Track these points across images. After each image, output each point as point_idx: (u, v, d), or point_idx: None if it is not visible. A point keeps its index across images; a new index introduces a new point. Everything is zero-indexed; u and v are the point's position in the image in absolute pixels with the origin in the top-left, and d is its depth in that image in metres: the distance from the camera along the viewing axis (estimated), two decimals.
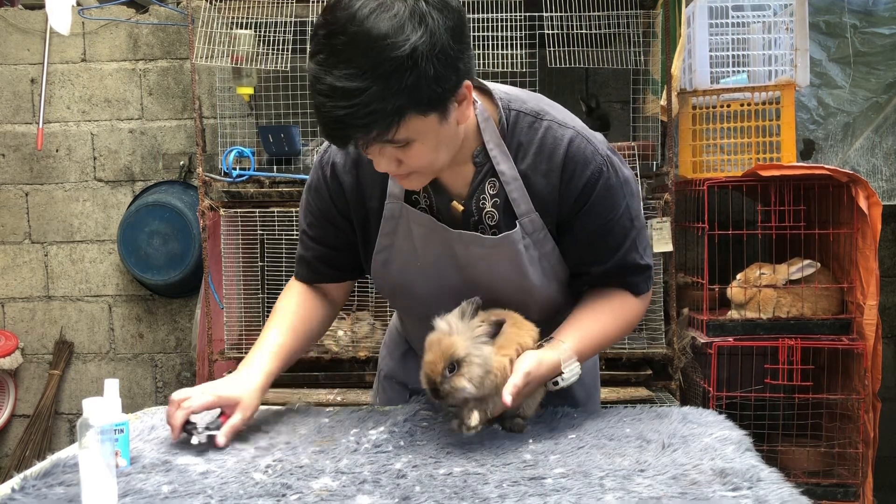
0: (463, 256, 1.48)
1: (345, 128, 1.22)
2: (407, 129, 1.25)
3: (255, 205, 3.16)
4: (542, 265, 1.48)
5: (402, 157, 1.31)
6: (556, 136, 1.41)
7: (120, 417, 1.30)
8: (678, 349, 3.06)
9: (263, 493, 1.18)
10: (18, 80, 3.97)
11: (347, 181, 1.51)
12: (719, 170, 3.08)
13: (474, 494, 1.17)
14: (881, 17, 3.38)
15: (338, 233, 1.58)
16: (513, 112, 1.44)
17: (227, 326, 3.24)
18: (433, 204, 1.49)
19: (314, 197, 1.57)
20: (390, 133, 1.23)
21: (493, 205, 1.46)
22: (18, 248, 4.02)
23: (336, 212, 1.55)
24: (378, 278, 1.58)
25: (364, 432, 1.48)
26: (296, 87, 3.24)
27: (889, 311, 3.71)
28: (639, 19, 3.08)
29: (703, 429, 1.46)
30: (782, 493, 1.15)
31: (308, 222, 1.61)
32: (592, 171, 1.41)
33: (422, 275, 1.52)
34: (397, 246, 1.51)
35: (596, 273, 1.51)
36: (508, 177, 1.43)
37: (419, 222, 1.48)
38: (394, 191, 1.48)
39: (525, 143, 1.43)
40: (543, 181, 1.42)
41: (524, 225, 1.44)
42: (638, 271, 1.52)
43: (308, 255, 1.64)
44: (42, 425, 3.93)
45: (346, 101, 1.18)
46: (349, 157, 1.51)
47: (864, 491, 2.81)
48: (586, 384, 1.72)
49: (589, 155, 1.41)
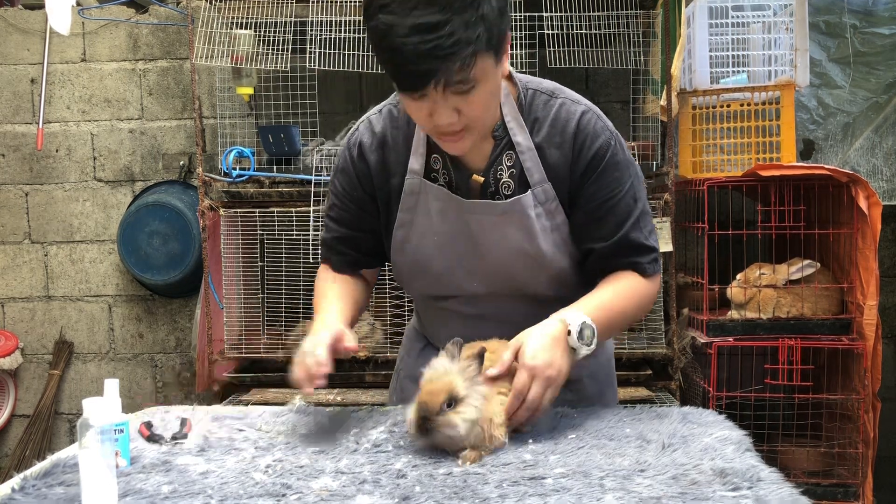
0: (476, 227, 1.54)
1: (430, 61, 1.27)
2: (477, 67, 1.31)
3: (254, 205, 3.16)
4: (553, 237, 1.54)
5: (462, 105, 1.36)
6: (569, 111, 1.52)
7: (120, 417, 1.30)
8: (678, 349, 3.06)
9: (263, 493, 1.18)
10: (18, 80, 3.97)
11: (373, 160, 1.58)
12: (719, 170, 3.08)
13: (474, 494, 1.17)
14: (881, 17, 3.38)
15: (362, 215, 1.63)
16: (530, 91, 1.54)
17: (227, 326, 3.24)
18: (452, 180, 1.55)
19: (341, 178, 1.63)
20: (469, 66, 1.29)
21: (509, 175, 1.53)
22: (18, 248, 4.02)
23: (362, 191, 1.61)
24: (396, 256, 1.62)
25: (364, 432, 1.48)
26: (296, 87, 3.24)
27: (889, 311, 3.71)
28: (639, 19, 3.08)
29: (703, 429, 1.46)
30: (782, 493, 1.15)
31: (331, 203, 1.67)
32: (601, 144, 1.50)
33: (438, 250, 1.57)
34: (416, 222, 1.57)
35: (601, 250, 1.54)
36: (524, 147, 1.51)
37: (435, 195, 1.55)
38: (414, 167, 1.55)
39: (541, 118, 1.53)
40: (557, 153, 1.51)
41: (536, 194, 1.52)
42: (642, 251, 1.56)
43: (329, 238, 1.69)
44: (42, 425, 3.93)
45: (431, 34, 1.25)
46: (375, 136, 1.58)
47: (864, 491, 2.81)
48: (599, 379, 1.74)
49: (599, 129, 1.51)
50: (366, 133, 1.60)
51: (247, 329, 3.25)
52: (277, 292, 3.36)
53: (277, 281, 3.36)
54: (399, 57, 1.29)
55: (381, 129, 1.58)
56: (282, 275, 3.31)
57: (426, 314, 1.77)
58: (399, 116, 1.59)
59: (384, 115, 1.60)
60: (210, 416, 1.64)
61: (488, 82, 1.36)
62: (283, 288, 3.32)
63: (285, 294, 3.30)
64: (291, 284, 3.26)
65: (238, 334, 3.25)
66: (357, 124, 1.63)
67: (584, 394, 1.67)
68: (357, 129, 1.62)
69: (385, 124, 1.59)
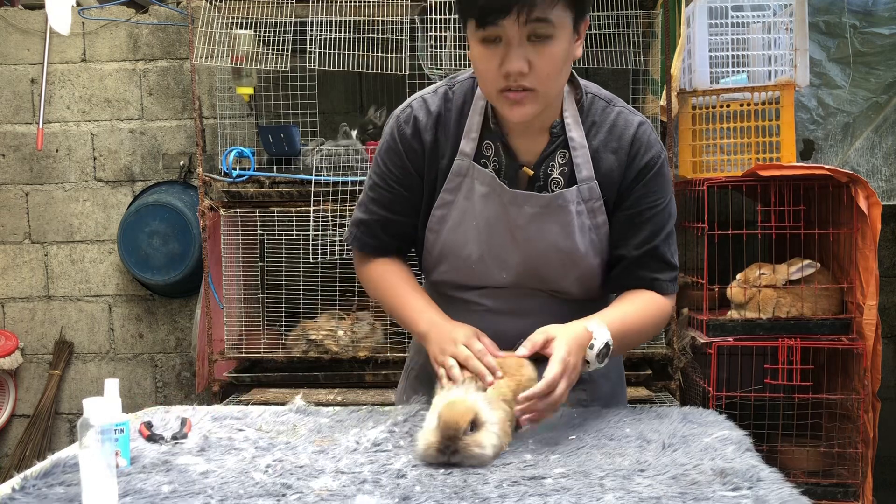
0: (516, 217, 1.55)
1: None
2: (559, 14, 1.37)
3: (255, 205, 3.16)
4: (589, 235, 1.56)
5: (535, 57, 1.38)
6: (627, 120, 1.56)
7: (120, 417, 1.30)
8: (678, 349, 3.07)
9: (263, 493, 1.19)
10: (18, 80, 3.97)
11: (428, 139, 1.58)
12: (719, 170, 3.08)
13: (474, 494, 1.17)
14: (881, 17, 3.37)
15: (406, 198, 1.62)
16: (589, 95, 1.58)
17: (227, 326, 3.24)
18: (502, 168, 1.56)
19: (387, 158, 1.62)
20: (552, 4, 1.35)
21: (559, 172, 1.55)
22: (18, 248, 4.02)
23: (411, 171, 1.60)
24: (431, 235, 1.62)
25: (364, 432, 1.48)
26: (296, 87, 3.24)
27: (889, 311, 3.71)
28: (639, 19, 3.08)
29: (704, 429, 1.46)
30: (782, 493, 1.15)
31: (372, 184, 1.65)
32: (654, 155, 1.55)
33: (475, 235, 1.57)
34: (457, 204, 1.57)
35: (630, 258, 1.57)
36: (577, 143, 1.54)
37: (482, 180, 1.55)
38: (465, 149, 1.56)
39: (598, 122, 1.56)
40: (612, 157, 1.55)
41: (582, 190, 1.54)
42: (665, 268, 1.59)
43: (370, 220, 1.67)
44: (42, 425, 3.93)
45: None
46: (431, 115, 1.58)
47: (863, 491, 2.81)
48: (612, 379, 1.75)
49: (653, 140, 1.57)
50: (421, 111, 1.58)
51: (247, 329, 3.25)
52: (277, 292, 3.37)
53: (277, 281, 3.36)
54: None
55: (436, 109, 1.57)
56: (282, 275, 3.31)
57: (441, 307, 1.77)
58: (453, 98, 1.59)
59: (440, 96, 1.60)
60: (210, 416, 1.64)
61: (563, 41, 1.40)
62: (283, 288, 3.32)
63: (285, 294, 3.30)
64: (291, 284, 3.26)
65: (238, 334, 3.25)
66: (409, 101, 1.61)
67: (597, 393, 1.68)
68: (410, 106, 1.60)
69: (440, 104, 1.58)
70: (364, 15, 3.05)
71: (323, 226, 3.03)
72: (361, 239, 1.69)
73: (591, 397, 1.64)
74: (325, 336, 3.13)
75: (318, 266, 3.13)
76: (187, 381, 3.99)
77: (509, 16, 1.33)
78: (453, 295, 1.66)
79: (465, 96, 1.58)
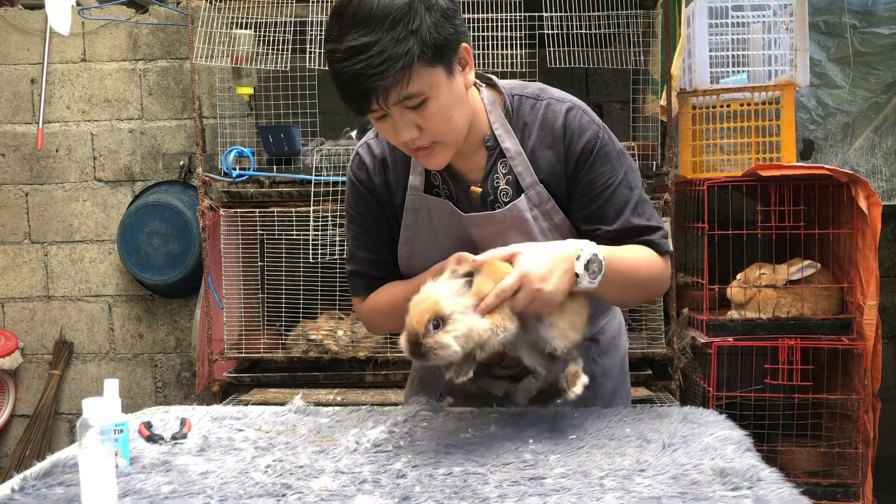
0: (479, 238, 1.56)
1: (364, 80, 1.31)
2: (418, 80, 1.34)
3: (254, 205, 3.16)
4: (552, 236, 1.55)
5: (420, 121, 1.39)
6: (555, 110, 1.54)
7: (120, 417, 1.30)
8: (678, 349, 3.06)
9: (263, 493, 1.18)
10: (18, 80, 3.97)
11: (378, 181, 1.61)
12: (719, 170, 3.08)
13: (474, 494, 1.17)
14: (881, 17, 3.37)
15: (386, 233, 1.63)
16: (515, 97, 1.56)
17: (227, 326, 3.24)
18: (452, 193, 1.58)
19: (354, 204, 1.65)
20: (405, 81, 1.33)
21: (506, 182, 1.56)
22: (18, 248, 4.02)
23: (379, 208, 1.62)
24: (405, 270, 1.64)
25: (364, 432, 1.48)
26: (296, 87, 3.24)
27: (889, 311, 3.71)
28: (639, 19, 3.08)
29: (704, 429, 1.46)
30: (782, 493, 1.15)
31: (353, 234, 1.67)
32: (590, 137, 1.52)
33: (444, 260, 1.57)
34: (419, 237, 1.59)
35: (604, 235, 1.54)
36: (513, 152, 1.54)
37: (438, 209, 1.57)
38: (414, 183, 1.57)
39: (529, 123, 1.55)
40: (550, 153, 1.53)
41: (530, 196, 1.54)
42: (646, 231, 1.56)
43: (359, 269, 1.67)
44: (42, 425, 3.93)
45: (362, 55, 1.30)
46: (376, 158, 1.61)
47: (863, 491, 2.81)
48: (613, 378, 1.75)
49: (585, 123, 1.53)
50: (367, 156, 1.63)
51: (247, 329, 3.25)
52: (277, 292, 3.37)
53: (277, 281, 3.36)
54: (339, 81, 1.35)
55: (379, 151, 1.61)
56: (282, 275, 3.31)
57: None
58: None
59: (381, 138, 1.62)
60: (210, 416, 1.64)
61: (441, 94, 1.38)
62: (283, 288, 3.32)
63: (285, 294, 3.30)
64: (291, 284, 3.26)
65: (238, 334, 3.25)
66: (356, 149, 1.66)
67: (599, 392, 1.69)
68: (357, 153, 1.65)
69: (383, 146, 1.62)
70: None
71: (323, 226, 3.03)
72: (360, 285, 1.69)
73: (593, 396, 1.64)
74: (324, 336, 3.13)
75: (318, 266, 3.13)
76: (187, 382, 3.99)
77: (372, 105, 1.36)
78: None
79: None
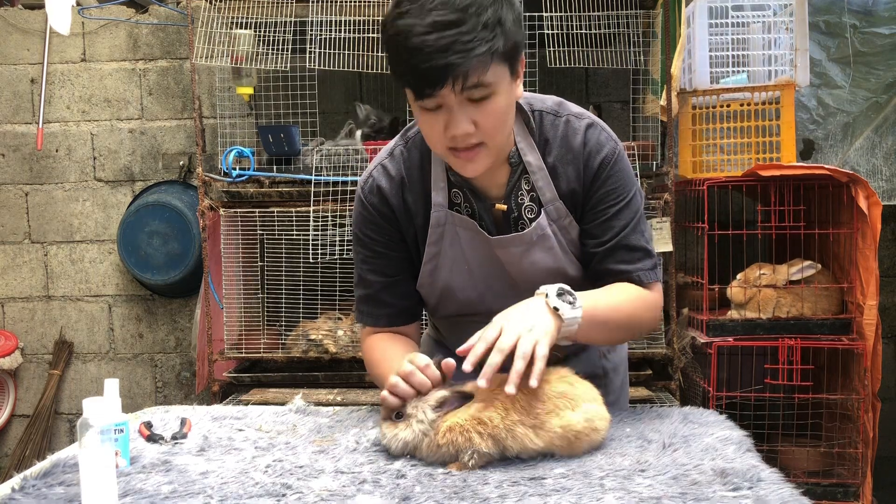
0: (505, 257, 1.56)
1: (448, 55, 1.28)
2: (493, 72, 1.34)
3: (254, 205, 3.16)
4: (571, 251, 1.57)
5: (478, 116, 1.38)
6: (574, 127, 1.55)
7: (120, 417, 1.30)
8: (678, 349, 3.06)
9: (263, 493, 1.18)
10: (18, 80, 3.97)
11: (395, 203, 1.58)
12: (719, 170, 3.08)
13: (474, 494, 1.17)
14: (881, 17, 3.37)
15: (397, 258, 1.61)
16: (536, 112, 1.56)
17: (227, 326, 3.24)
18: (475, 211, 1.57)
19: (365, 229, 1.60)
20: (484, 67, 1.32)
21: (530, 199, 1.56)
22: (18, 248, 4.02)
23: (392, 232, 1.59)
24: (425, 287, 1.62)
25: (364, 432, 1.48)
26: (296, 87, 3.24)
27: (889, 311, 3.71)
28: (639, 19, 3.08)
29: (704, 429, 1.46)
30: (782, 493, 1.15)
31: (362, 258, 1.63)
32: (607, 154, 1.54)
33: (468, 279, 1.58)
34: (444, 252, 1.58)
35: (599, 252, 1.55)
36: (535, 167, 1.54)
37: (464, 226, 1.56)
38: (438, 200, 1.55)
39: (551, 139, 1.55)
40: (570, 168, 1.54)
41: (549, 212, 1.55)
42: (638, 252, 1.56)
43: (370, 294, 1.64)
44: (42, 425, 3.93)
45: (450, 30, 1.28)
46: (393, 180, 1.58)
47: (863, 491, 2.81)
48: (620, 373, 1.78)
49: (604, 140, 1.55)
50: (383, 179, 1.58)
51: (247, 329, 3.25)
52: (277, 292, 3.37)
53: (277, 281, 3.36)
54: (418, 56, 1.29)
55: (396, 172, 1.58)
56: (282, 275, 3.31)
57: (448, 328, 1.77)
58: (409, 157, 1.58)
59: (397, 158, 1.59)
60: (210, 416, 1.64)
61: (503, 94, 1.38)
62: (283, 288, 3.32)
63: (285, 294, 3.30)
64: (291, 284, 3.26)
65: (238, 334, 3.25)
66: (369, 170, 1.61)
67: (610, 387, 1.72)
68: (371, 175, 1.60)
69: (399, 166, 1.59)
70: (364, 15, 3.05)
71: (323, 226, 3.03)
72: (369, 313, 1.66)
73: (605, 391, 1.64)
74: (324, 336, 3.13)
75: (318, 266, 3.13)
76: (187, 381, 3.99)
77: (445, 86, 1.32)
78: (461, 321, 1.65)
79: (422, 150, 1.57)
